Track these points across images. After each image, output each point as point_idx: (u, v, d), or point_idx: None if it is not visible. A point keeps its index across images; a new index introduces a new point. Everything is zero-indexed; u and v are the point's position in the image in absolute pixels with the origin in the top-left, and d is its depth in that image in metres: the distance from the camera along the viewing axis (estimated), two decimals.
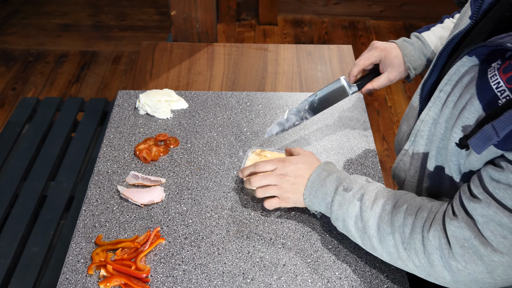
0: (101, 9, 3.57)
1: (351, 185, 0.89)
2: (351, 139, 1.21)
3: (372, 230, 0.83)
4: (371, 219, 0.83)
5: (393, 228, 0.80)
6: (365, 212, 0.84)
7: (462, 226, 0.72)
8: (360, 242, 0.88)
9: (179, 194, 1.07)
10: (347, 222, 0.87)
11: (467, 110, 0.73)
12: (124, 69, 3.03)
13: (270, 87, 1.41)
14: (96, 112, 1.93)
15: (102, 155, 1.16)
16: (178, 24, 1.60)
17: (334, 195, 0.89)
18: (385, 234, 0.81)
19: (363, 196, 0.86)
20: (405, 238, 0.78)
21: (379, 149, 2.52)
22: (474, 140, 0.68)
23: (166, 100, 1.26)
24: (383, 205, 0.83)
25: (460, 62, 0.77)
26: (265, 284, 0.91)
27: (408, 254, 0.78)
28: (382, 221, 0.82)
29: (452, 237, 0.73)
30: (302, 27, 3.41)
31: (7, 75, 2.94)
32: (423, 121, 0.87)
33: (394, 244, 0.80)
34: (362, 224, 0.84)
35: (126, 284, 0.90)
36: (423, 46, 1.09)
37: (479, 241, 0.70)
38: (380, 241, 0.82)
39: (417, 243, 0.77)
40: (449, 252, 0.73)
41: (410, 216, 0.79)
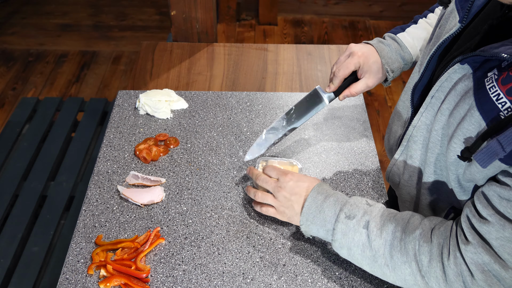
0: (101, 9, 3.57)
1: (353, 212, 0.84)
2: (351, 139, 1.21)
3: (383, 259, 0.80)
4: (381, 248, 0.80)
5: (409, 257, 0.78)
6: (374, 241, 0.81)
7: (479, 251, 0.71)
8: (369, 269, 0.84)
9: (179, 194, 1.07)
10: (353, 251, 0.83)
11: (467, 122, 0.72)
12: (124, 69, 3.03)
13: (270, 87, 1.41)
14: (96, 112, 1.93)
15: (102, 155, 1.16)
16: (178, 24, 1.60)
17: (336, 223, 0.85)
18: (399, 263, 0.78)
19: (369, 223, 0.82)
20: (423, 266, 0.76)
21: (379, 149, 2.52)
22: (480, 155, 0.68)
23: (166, 100, 1.26)
24: (393, 232, 0.80)
25: (451, 70, 0.76)
26: (265, 284, 0.91)
27: (426, 281, 0.76)
28: (395, 250, 0.79)
29: (472, 264, 0.71)
30: (302, 27, 3.41)
31: (7, 75, 2.94)
32: (416, 126, 0.86)
33: (411, 272, 0.78)
34: (372, 253, 0.81)
35: (126, 284, 0.90)
36: (400, 48, 1.05)
37: (499, 265, 0.69)
38: (394, 269, 0.79)
39: (438, 271, 0.75)
40: (471, 280, 0.72)
41: (425, 244, 0.77)
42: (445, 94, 0.78)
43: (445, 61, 0.82)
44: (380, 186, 1.10)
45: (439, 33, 0.88)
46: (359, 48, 1.02)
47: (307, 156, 1.17)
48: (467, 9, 0.79)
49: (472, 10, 0.79)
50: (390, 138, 1.04)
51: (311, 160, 1.16)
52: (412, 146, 0.89)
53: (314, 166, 1.14)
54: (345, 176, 1.12)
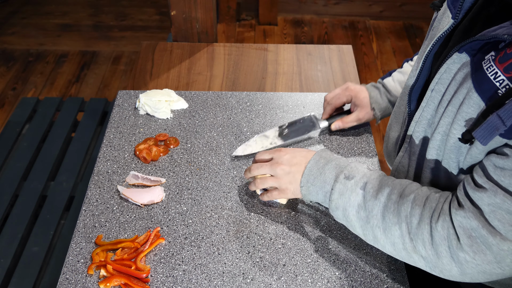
0: (101, 9, 3.57)
1: (352, 173, 0.86)
2: (351, 139, 1.21)
3: (376, 220, 0.81)
4: (375, 208, 0.81)
5: (400, 218, 0.78)
6: (369, 201, 0.82)
7: (468, 216, 0.71)
8: (361, 232, 0.85)
9: (179, 194, 1.07)
10: (348, 211, 0.84)
11: (466, 105, 0.72)
12: (124, 69, 3.03)
13: (270, 87, 1.41)
14: (96, 112, 1.93)
15: (102, 155, 1.16)
16: (178, 24, 1.60)
17: (335, 183, 0.86)
18: (390, 224, 0.79)
19: (366, 185, 0.83)
20: (412, 228, 0.76)
21: (379, 149, 2.52)
22: (480, 131, 0.68)
23: (166, 100, 1.26)
24: (388, 194, 0.81)
25: (450, 60, 0.76)
26: (265, 284, 0.91)
27: (414, 244, 0.77)
28: (388, 211, 0.80)
29: (459, 228, 0.71)
30: (302, 27, 3.41)
31: (7, 75, 2.94)
32: (417, 122, 0.86)
33: (400, 235, 0.78)
34: (365, 214, 0.82)
35: (126, 284, 0.90)
36: (387, 92, 1.15)
37: (487, 230, 0.69)
38: (385, 231, 0.80)
39: (425, 233, 0.75)
40: (457, 243, 0.72)
41: (418, 206, 0.77)
42: (446, 87, 0.78)
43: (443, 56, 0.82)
44: None
45: (433, 34, 0.88)
46: (352, 85, 1.17)
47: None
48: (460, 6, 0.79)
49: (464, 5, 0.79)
50: (389, 144, 1.04)
51: None
52: (414, 142, 0.89)
53: None
54: None
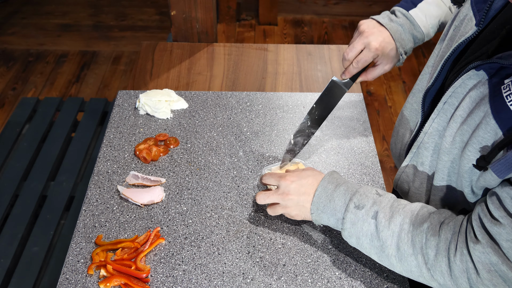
0: (101, 9, 3.57)
1: (362, 202, 0.84)
2: (351, 139, 1.21)
3: (391, 250, 0.80)
4: (389, 239, 0.80)
5: (415, 249, 0.77)
6: (382, 232, 0.80)
7: (487, 251, 0.70)
8: (376, 259, 0.84)
9: (179, 194, 1.07)
10: (362, 240, 0.84)
11: (483, 130, 0.71)
12: (124, 69, 3.03)
13: (270, 87, 1.41)
14: (96, 112, 1.93)
15: (102, 155, 1.16)
16: (178, 24, 1.60)
17: (346, 213, 0.84)
18: (406, 255, 0.78)
19: (378, 214, 0.82)
20: (429, 260, 0.76)
21: (379, 149, 2.52)
22: (497, 166, 0.67)
23: (166, 100, 1.26)
24: (401, 224, 0.80)
25: (466, 76, 0.75)
26: (265, 284, 0.91)
27: (432, 274, 0.77)
28: (402, 242, 0.79)
29: (479, 263, 0.71)
30: (302, 27, 3.41)
31: (7, 75, 2.94)
32: (427, 133, 0.85)
33: (416, 265, 0.78)
34: (380, 244, 0.81)
35: (126, 284, 0.90)
36: (413, 27, 1.02)
37: (506, 266, 0.69)
38: (400, 261, 0.80)
39: (443, 265, 0.75)
40: (476, 277, 0.72)
41: (432, 238, 0.76)
42: (459, 101, 0.77)
43: (459, 66, 0.80)
44: (380, 186, 1.10)
45: (453, 35, 0.86)
46: (375, 38, 0.99)
47: (307, 156, 1.17)
48: (485, 12, 0.77)
49: (489, 13, 0.77)
50: (397, 142, 1.02)
51: (311, 160, 1.16)
52: (423, 152, 0.87)
53: (314, 166, 1.14)
54: (345, 176, 1.12)
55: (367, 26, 1.02)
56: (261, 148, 1.18)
